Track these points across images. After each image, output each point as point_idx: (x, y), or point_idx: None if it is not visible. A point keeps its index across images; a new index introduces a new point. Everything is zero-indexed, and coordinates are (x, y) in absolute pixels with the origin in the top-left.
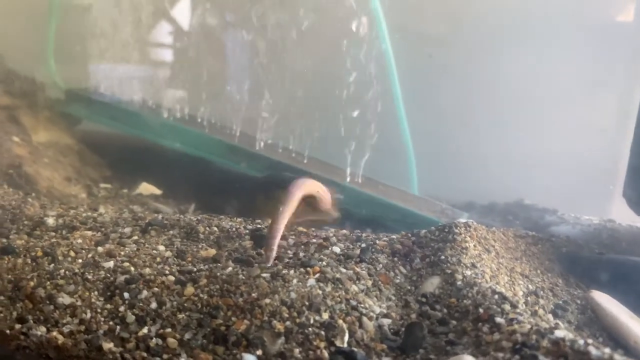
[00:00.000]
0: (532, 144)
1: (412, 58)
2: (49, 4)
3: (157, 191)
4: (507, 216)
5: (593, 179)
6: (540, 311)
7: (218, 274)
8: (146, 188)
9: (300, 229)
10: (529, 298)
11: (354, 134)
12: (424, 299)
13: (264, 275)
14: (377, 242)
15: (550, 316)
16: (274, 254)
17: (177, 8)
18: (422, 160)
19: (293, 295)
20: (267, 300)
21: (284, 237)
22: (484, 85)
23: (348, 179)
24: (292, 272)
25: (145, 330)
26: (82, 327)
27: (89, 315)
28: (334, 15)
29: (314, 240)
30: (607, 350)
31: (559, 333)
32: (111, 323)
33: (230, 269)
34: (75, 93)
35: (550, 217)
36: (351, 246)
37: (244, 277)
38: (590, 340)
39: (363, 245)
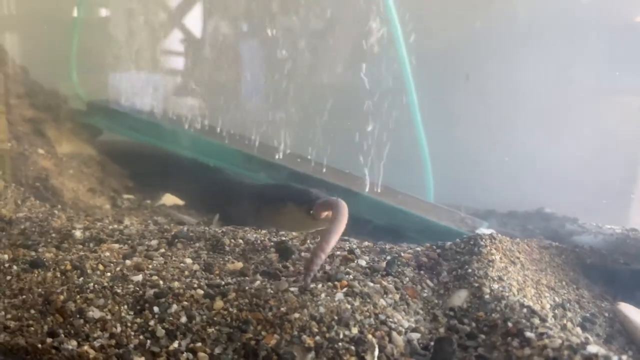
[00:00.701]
0: (551, 151)
1: (429, 64)
2: (73, 18)
3: (180, 202)
4: (527, 225)
5: (614, 187)
6: (569, 324)
7: (246, 287)
8: (169, 199)
9: None
10: (556, 311)
11: (371, 143)
12: (452, 313)
13: (292, 289)
14: (402, 254)
15: (579, 329)
16: (312, 275)
17: (194, 18)
18: (439, 168)
19: (322, 309)
20: (297, 315)
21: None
22: (502, 91)
23: (367, 189)
24: (319, 286)
25: (175, 344)
26: (113, 342)
27: (119, 329)
28: (350, 23)
29: (339, 253)
30: None
31: (592, 348)
32: (141, 337)
33: (258, 282)
34: (97, 105)
35: (571, 226)
36: (376, 259)
37: (272, 291)
38: (624, 357)
39: (388, 257)
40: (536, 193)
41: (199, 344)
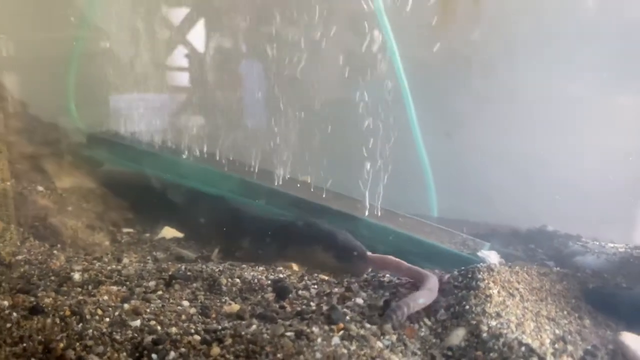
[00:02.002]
0: (554, 167)
1: (428, 79)
2: (71, 51)
3: (179, 234)
4: (529, 245)
5: (618, 202)
6: None
7: (242, 332)
8: (168, 232)
9: (322, 277)
10: (556, 345)
11: (371, 164)
12: (449, 353)
13: (288, 334)
14: (400, 289)
15: None
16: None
17: (192, 50)
18: (442, 185)
19: (318, 355)
20: None
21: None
22: (502, 108)
23: (367, 212)
24: (315, 329)
25: None
26: None
27: None
28: (345, 41)
29: (336, 290)
30: None
31: None
32: None
33: (254, 327)
34: (96, 137)
35: (574, 245)
36: (374, 295)
37: (268, 337)
38: None
39: (386, 294)
40: (541, 208)
41: None
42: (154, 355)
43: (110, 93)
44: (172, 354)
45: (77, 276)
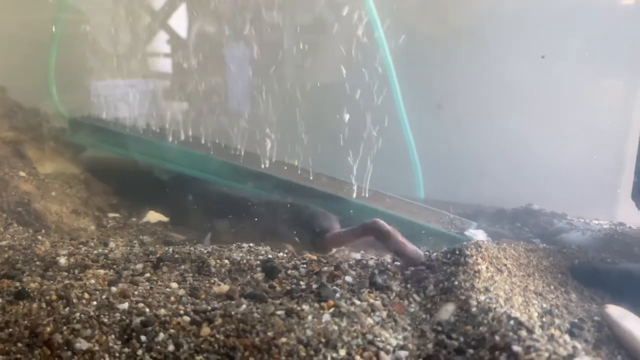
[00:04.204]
0: (540, 145)
1: (414, 62)
2: (51, 34)
3: (165, 218)
4: (515, 223)
5: (601, 181)
6: (557, 333)
7: (232, 312)
8: (153, 216)
9: (309, 256)
10: (544, 319)
11: (357, 145)
12: (439, 328)
13: (279, 312)
14: (389, 267)
15: (567, 337)
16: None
17: (174, 31)
18: (428, 166)
19: (309, 332)
20: (284, 339)
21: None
22: (487, 88)
23: (354, 194)
24: (306, 307)
25: None
26: None
27: None
28: (332, 24)
29: (325, 269)
30: None
31: None
32: None
33: (244, 306)
34: (79, 121)
35: (559, 222)
36: (363, 273)
37: (258, 316)
38: None
39: (376, 271)
40: (526, 188)
41: None
42: (142, 337)
43: (92, 77)
44: (162, 335)
45: (62, 261)
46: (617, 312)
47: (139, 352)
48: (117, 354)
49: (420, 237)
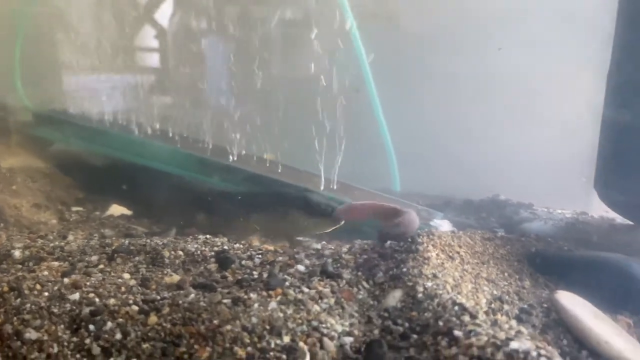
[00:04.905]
0: (509, 138)
1: (388, 55)
2: (16, 27)
3: (128, 212)
4: (481, 213)
5: (570, 171)
6: (503, 318)
7: (180, 301)
8: (116, 209)
9: (266, 247)
10: (492, 305)
11: (331, 138)
12: (386, 314)
13: (225, 301)
14: (344, 256)
15: (514, 322)
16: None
17: (144, 25)
18: (404, 160)
19: (254, 320)
20: (228, 327)
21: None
22: (458, 81)
23: (322, 186)
24: (253, 296)
25: None
26: None
27: (56, 349)
28: (304, 16)
29: (280, 259)
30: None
31: (514, 344)
32: (78, 356)
33: (192, 295)
34: (44, 115)
35: (525, 212)
36: (317, 262)
37: (205, 304)
38: (543, 351)
39: (329, 260)
40: (496, 179)
41: None
42: (91, 326)
43: (59, 71)
44: (109, 324)
45: (17, 253)
46: (565, 298)
47: (87, 340)
48: (65, 343)
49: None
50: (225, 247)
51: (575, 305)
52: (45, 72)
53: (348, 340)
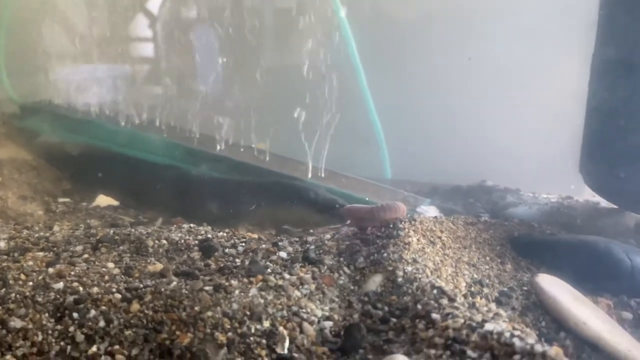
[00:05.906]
0: (497, 124)
1: (376, 43)
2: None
3: (115, 202)
4: (468, 199)
5: (557, 156)
6: (482, 301)
7: (162, 289)
8: (103, 200)
9: (250, 234)
10: (472, 288)
11: (320, 126)
12: (366, 298)
13: (207, 288)
14: (327, 242)
15: (493, 305)
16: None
17: (132, 16)
18: (395, 148)
19: (235, 306)
20: (209, 313)
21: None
22: (444, 69)
23: (310, 175)
24: (234, 282)
25: (94, 348)
26: (35, 349)
27: (40, 337)
28: (294, 4)
29: (263, 246)
30: (530, 341)
31: (488, 326)
32: (62, 343)
33: (174, 283)
34: (30, 107)
35: (511, 197)
36: (300, 249)
37: (187, 292)
38: (517, 332)
39: (312, 247)
40: (485, 166)
41: (117, 347)
42: (75, 314)
43: (45, 62)
44: (93, 312)
45: (2, 244)
46: (545, 280)
47: (71, 328)
48: (50, 331)
49: None
50: (209, 236)
51: (555, 287)
52: (30, 63)
53: (328, 324)
